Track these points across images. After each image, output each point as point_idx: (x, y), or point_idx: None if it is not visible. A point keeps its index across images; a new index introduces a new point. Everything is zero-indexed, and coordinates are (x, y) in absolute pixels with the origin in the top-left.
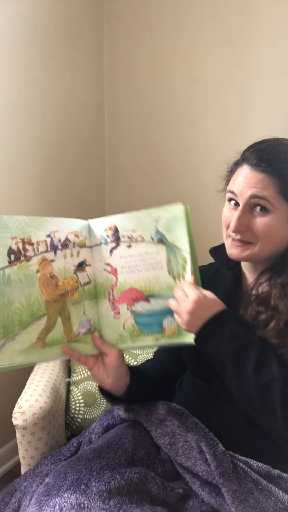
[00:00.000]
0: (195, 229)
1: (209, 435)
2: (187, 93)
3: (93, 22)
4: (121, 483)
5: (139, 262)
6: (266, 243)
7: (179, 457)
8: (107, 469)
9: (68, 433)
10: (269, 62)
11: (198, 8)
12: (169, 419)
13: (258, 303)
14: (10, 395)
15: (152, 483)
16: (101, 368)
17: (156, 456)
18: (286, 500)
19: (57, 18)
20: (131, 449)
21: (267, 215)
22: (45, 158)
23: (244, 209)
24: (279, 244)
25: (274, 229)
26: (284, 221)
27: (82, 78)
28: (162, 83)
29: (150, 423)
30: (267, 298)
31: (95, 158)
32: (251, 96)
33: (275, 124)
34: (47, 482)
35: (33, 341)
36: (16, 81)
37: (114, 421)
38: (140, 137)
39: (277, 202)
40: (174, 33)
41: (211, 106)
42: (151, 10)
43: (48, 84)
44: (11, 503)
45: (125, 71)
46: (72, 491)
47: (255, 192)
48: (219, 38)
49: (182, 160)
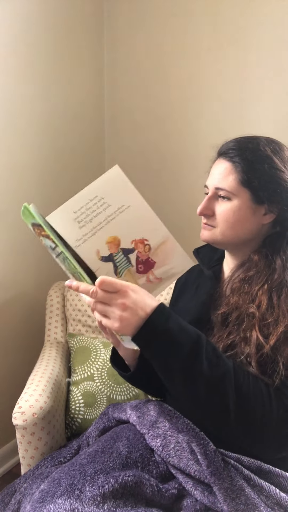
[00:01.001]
0: (195, 229)
1: (200, 434)
2: (187, 92)
3: (93, 21)
4: (115, 486)
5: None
6: (225, 226)
7: (172, 458)
8: (101, 473)
9: (68, 433)
10: (269, 61)
11: (198, 7)
12: (161, 420)
13: (226, 303)
14: (10, 395)
15: (146, 485)
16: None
17: (151, 458)
18: (277, 495)
19: (57, 17)
20: (125, 452)
21: (228, 202)
22: (45, 158)
23: (209, 196)
24: (240, 230)
25: (233, 214)
26: (245, 208)
27: (82, 78)
28: (162, 82)
29: (143, 425)
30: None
31: (95, 159)
32: (251, 95)
33: (275, 123)
34: (42, 489)
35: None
36: (15, 80)
37: (109, 424)
38: (140, 137)
39: (237, 190)
40: (174, 32)
41: (211, 106)
42: (151, 10)
43: (48, 83)
44: (11, 504)
45: (125, 70)
46: (66, 497)
47: (216, 184)
48: (219, 37)
49: (182, 160)
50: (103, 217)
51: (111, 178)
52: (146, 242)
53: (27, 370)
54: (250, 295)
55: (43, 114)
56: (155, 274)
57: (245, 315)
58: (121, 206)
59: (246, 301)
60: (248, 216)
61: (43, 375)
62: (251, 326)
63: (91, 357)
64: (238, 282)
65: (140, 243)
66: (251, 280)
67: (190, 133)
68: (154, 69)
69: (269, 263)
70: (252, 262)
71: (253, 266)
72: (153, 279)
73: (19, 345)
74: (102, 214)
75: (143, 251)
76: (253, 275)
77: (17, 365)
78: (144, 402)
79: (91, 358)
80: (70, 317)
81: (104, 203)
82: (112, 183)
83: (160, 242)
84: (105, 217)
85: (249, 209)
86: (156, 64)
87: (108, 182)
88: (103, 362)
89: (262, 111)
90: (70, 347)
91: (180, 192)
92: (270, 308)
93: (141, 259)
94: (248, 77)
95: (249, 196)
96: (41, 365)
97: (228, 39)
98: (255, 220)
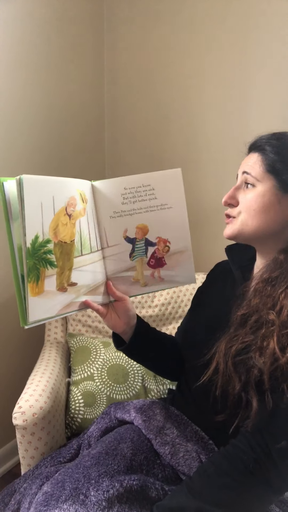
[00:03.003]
0: (195, 229)
1: (209, 445)
2: (187, 92)
3: (93, 21)
4: (120, 491)
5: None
6: (247, 215)
7: (181, 467)
8: (106, 476)
9: (68, 433)
10: (269, 60)
11: (198, 7)
12: (168, 427)
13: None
14: (10, 395)
15: (152, 489)
16: (113, 314)
17: (156, 461)
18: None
19: (57, 17)
20: (129, 455)
21: (253, 189)
22: (45, 158)
23: (237, 185)
24: (263, 220)
25: (256, 200)
26: (270, 195)
27: (82, 77)
28: (162, 81)
29: (149, 430)
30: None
31: (95, 159)
32: (251, 94)
33: (275, 122)
34: (46, 491)
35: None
36: (15, 81)
37: (111, 424)
38: (140, 137)
39: (262, 176)
40: (174, 32)
41: (211, 105)
42: (151, 10)
43: (48, 83)
44: (11, 505)
45: (125, 70)
46: (71, 502)
47: (244, 168)
48: (220, 37)
49: (182, 159)
50: (146, 205)
51: (170, 177)
52: (167, 244)
53: (27, 370)
54: (272, 298)
55: (43, 114)
56: (160, 273)
57: (264, 320)
58: (165, 204)
59: (267, 305)
60: (273, 204)
61: (43, 375)
62: (269, 333)
63: (91, 357)
64: (261, 282)
65: (163, 242)
66: (274, 281)
67: (190, 133)
68: (154, 69)
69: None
70: (277, 262)
71: (278, 267)
72: (157, 277)
73: (19, 345)
74: (146, 202)
75: (162, 250)
76: (277, 276)
77: (17, 365)
78: (149, 404)
79: (91, 358)
80: (70, 317)
81: (152, 194)
82: (168, 181)
83: (179, 249)
84: (147, 206)
85: (274, 196)
86: (156, 64)
87: (165, 178)
88: (103, 362)
89: (263, 111)
90: (70, 347)
91: None
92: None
93: (156, 255)
94: (248, 76)
95: (275, 183)
96: (41, 365)
97: (229, 39)
98: (280, 210)
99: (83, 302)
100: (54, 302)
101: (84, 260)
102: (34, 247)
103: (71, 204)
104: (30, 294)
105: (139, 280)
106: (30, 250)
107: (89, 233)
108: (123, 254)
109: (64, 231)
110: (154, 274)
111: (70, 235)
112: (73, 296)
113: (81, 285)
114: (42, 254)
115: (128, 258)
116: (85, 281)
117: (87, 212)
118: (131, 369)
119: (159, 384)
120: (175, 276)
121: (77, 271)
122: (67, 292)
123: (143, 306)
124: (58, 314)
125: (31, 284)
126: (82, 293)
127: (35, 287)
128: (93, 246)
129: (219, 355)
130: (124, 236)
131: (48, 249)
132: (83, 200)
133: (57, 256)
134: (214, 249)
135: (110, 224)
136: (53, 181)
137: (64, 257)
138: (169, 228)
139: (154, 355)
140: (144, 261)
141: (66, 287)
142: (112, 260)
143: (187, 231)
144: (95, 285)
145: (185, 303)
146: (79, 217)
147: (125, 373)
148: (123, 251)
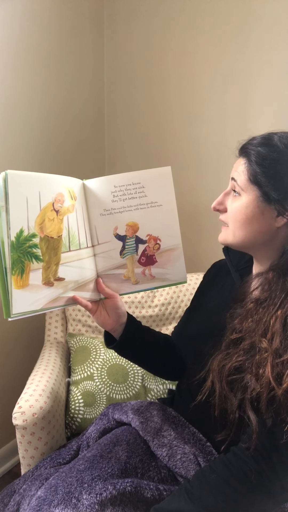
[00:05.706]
0: (195, 229)
1: (206, 447)
2: (187, 92)
3: (93, 21)
4: (113, 493)
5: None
6: (235, 226)
7: (178, 469)
8: (99, 480)
9: (68, 433)
10: (269, 60)
11: (198, 7)
12: (165, 428)
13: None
14: (10, 395)
15: (146, 489)
16: (102, 311)
17: (151, 463)
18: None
19: (58, 17)
20: (124, 457)
21: (238, 198)
22: (45, 158)
23: (226, 191)
24: (249, 231)
25: (240, 211)
26: (253, 206)
27: (82, 77)
28: (162, 82)
29: (146, 432)
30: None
31: (95, 158)
32: (251, 94)
33: (274, 122)
34: (39, 496)
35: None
36: (15, 81)
37: (109, 425)
38: (140, 137)
39: (246, 186)
40: (174, 32)
41: (211, 105)
42: (151, 10)
43: (48, 83)
44: (10, 505)
45: (125, 70)
46: (63, 506)
47: (233, 174)
48: (219, 36)
49: (182, 159)
50: (136, 203)
51: (160, 174)
52: (158, 241)
53: (27, 370)
54: (263, 324)
55: (43, 114)
56: (151, 271)
57: (257, 347)
58: (155, 201)
59: (259, 332)
60: (256, 216)
61: (43, 375)
62: (263, 360)
63: (91, 357)
64: (252, 303)
65: (153, 239)
66: (265, 303)
67: (190, 133)
68: (154, 69)
69: (285, 283)
70: (267, 280)
71: (267, 288)
72: (148, 275)
73: (19, 345)
74: (136, 200)
75: (152, 247)
76: (267, 298)
77: (17, 365)
78: (146, 405)
79: (91, 358)
80: (70, 317)
81: (142, 191)
82: (158, 179)
83: (169, 247)
84: (137, 204)
85: (257, 208)
86: (156, 64)
87: (155, 176)
88: (103, 362)
89: (263, 111)
90: (70, 347)
91: (180, 192)
92: (284, 342)
93: (147, 253)
94: (248, 75)
95: (258, 194)
96: (41, 365)
97: (229, 38)
98: (264, 221)
99: (71, 297)
100: (39, 296)
101: (72, 256)
102: (19, 240)
103: (59, 200)
104: (14, 286)
105: (130, 277)
106: (14, 243)
107: (78, 229)
108: (113, 252)
109: (51, 226)
110: (145, 272)
111: (57, 230)
112: (60, 291)
113: (69, 280)
114: (27, 248)
115: (119, 255)
116: (73, 277)
117: (76, 209)
118: (131, 369)
119: (159, 384)
120: (166, 273)
121: (65, 266)
122: (54, 287)
123: (143, 306)
124: (43, 308)
125: (15, 277)
126: (70, 289)
127: (19, 280)
128: (82, 243)
129: (213, 375)
130: (115, 233)
131: (33, 243)
132: (72, 197)
133: (43, 250)
134: (211, 249)
135: (101, 221)
136: (39, 177)
137: (50, 252)
138: (160, 225)
139: (147, 354)
140: (134, 258)
141: (52, 281)
142: (103, 258)
143: (177, 229)
144: (84, 281)
145: (185, 303)
146: (67, 213)
147: (125, 373)
148: (114, 248)
